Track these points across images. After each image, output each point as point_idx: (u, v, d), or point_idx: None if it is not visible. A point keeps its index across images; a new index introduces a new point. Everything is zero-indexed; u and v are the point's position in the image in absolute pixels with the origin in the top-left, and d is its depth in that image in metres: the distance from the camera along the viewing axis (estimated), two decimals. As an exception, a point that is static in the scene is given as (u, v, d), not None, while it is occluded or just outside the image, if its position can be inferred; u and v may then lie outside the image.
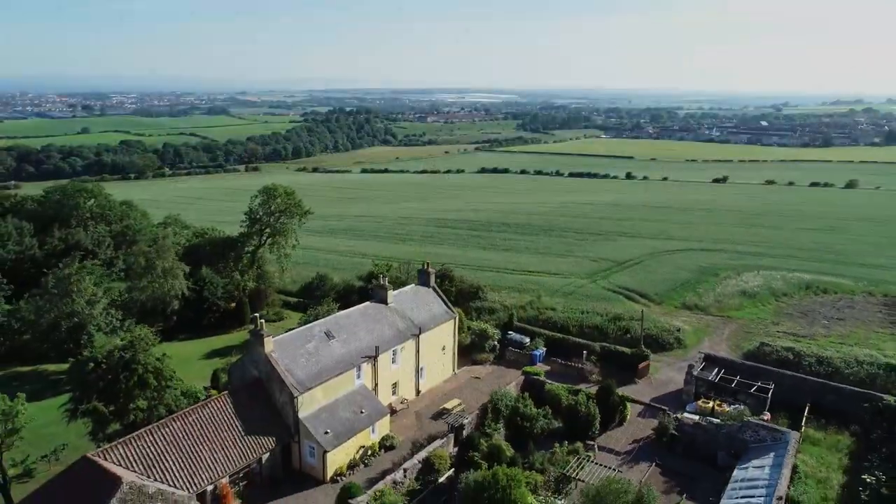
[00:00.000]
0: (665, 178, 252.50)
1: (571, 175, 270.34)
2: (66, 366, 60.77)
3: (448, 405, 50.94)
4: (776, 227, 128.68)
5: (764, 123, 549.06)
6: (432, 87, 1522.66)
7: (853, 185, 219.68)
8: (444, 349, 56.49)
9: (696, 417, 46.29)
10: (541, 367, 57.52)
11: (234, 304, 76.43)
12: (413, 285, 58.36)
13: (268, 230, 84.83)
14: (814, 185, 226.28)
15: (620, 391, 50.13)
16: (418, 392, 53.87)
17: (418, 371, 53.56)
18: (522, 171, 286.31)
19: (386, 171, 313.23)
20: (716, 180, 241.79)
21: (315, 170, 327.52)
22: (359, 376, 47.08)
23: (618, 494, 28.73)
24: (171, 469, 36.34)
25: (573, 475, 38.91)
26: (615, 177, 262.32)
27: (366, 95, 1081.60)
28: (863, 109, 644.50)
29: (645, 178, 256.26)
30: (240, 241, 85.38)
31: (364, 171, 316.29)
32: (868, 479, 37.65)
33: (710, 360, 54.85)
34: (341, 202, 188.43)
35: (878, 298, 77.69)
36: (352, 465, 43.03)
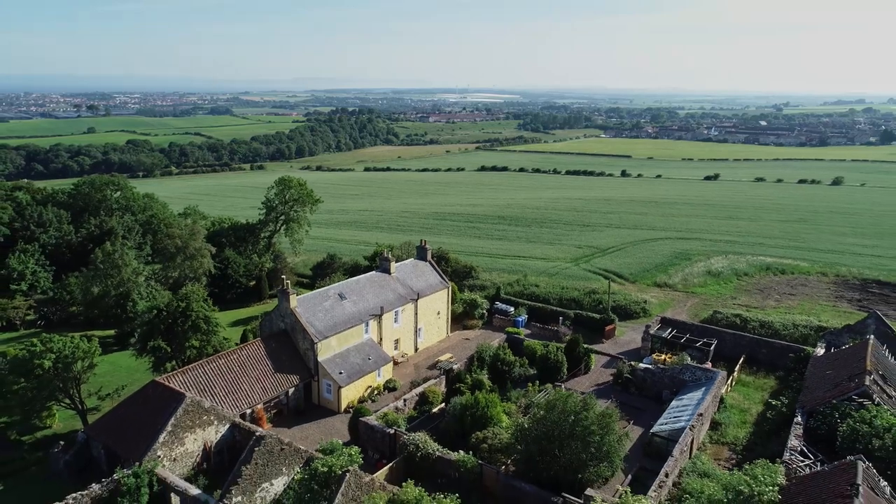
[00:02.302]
0: (658, 176, 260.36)
1: (569, 173, 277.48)
2: (111, 332, 70.55)
3: (442, 358, 60.12)
4: (753, 219, 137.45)
5: (763, 123, 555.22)
6: (434, 87, 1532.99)
7: (839, 181, 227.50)
8: (438, 314, 65.61)
9: (650, 365, 55.30)
10: (522, 330, 66.64)
11: (253, 282, 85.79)
12: (412, 259, 67.54)
13: (282, 217, 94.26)
14: (801, 181, 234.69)
15: (589, 347, 59.20)
16: (416, 349, 63.00)
17: (416, 331, 62.68)
18: (521, 170, 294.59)
19: (388, 169, 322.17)
20: (707, 178, 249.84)
21: (319, 168, 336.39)
22: (367, 331, 56.22)
23: (565, 400, 37.62)
24: (219, 394, 45.61)
25: (539, 402, 47.93)
26: (610, 174, 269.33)
27: (368, 95, 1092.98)
28: (863, 109, 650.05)
29: (639, 175, 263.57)
30: (258, 227, 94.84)
31: (367, 169, 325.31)
32: (774, 403, 46.82)
33: (665, 322, 64.01)
34: (345, 198, 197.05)
35: (830, 278, 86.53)
36: (361, 401, 52.01)
